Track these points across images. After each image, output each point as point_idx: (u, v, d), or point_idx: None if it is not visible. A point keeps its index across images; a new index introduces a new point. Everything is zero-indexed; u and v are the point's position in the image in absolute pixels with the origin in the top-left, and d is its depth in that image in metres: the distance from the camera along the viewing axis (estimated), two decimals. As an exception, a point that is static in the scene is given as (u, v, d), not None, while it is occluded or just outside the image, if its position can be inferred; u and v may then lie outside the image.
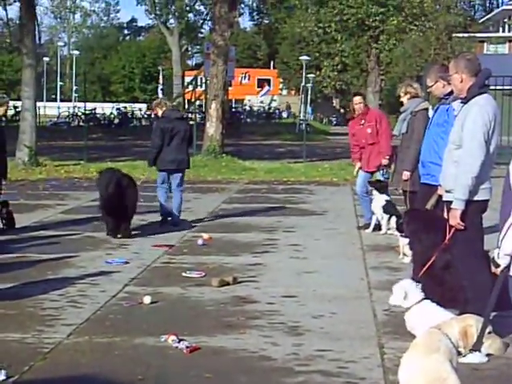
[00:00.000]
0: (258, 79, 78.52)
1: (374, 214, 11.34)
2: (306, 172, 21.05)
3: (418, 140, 8.74)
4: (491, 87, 6.46)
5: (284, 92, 79.12)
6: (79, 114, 47.88)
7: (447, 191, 6.17)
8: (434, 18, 40.93)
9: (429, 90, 8.11)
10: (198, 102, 36.85)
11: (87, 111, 42.49)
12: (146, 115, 50.50)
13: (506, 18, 67.33)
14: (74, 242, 10.49)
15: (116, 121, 49.29)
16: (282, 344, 6.10)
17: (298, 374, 5.45)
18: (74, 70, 78.64)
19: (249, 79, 75.53)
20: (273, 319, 6.80)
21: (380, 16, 36.24)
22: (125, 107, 53.51)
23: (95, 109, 49.74)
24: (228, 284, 8.01)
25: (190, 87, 38.23)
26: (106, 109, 52.27)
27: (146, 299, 7.27)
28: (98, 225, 11.29)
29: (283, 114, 66.90)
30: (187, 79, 53.44)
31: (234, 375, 5.45)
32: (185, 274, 8.49)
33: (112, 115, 50.03)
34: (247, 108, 62.21)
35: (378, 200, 11.09)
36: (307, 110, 50.74)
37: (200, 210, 13.53)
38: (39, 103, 30.91)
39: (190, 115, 31.02)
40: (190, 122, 14.28)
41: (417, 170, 8.54)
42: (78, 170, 20.99)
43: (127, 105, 57.77)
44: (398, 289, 6.00)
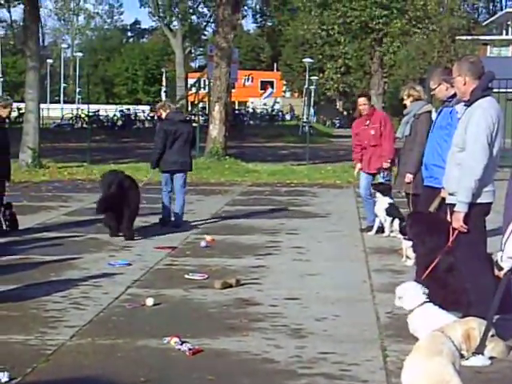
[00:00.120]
0: (262, 81, 78.68)
1: (377, 217, 11.33)
2: (309, 174, 21.04)
3: (422, 143, 8.74)
4: (494, 90, 6.46)
5: (287, 94, 79.15)
6: (82, 115, 47.90)
7: (450, 194, 6.17)
8: (437, 20, 40.98)
9: (432, 93, 8.10)
10: (201, 104, 36.93)
11: (90, 113, 42.62)
12: (149, 117, 50.53)
13: (509, 21, 67.24)
14: (76, 244, 10.50)
15: (119, 123, 49.33)
16: (284, 346, 6.09)
17: (301, 377, 5.45)
18: (77, 72, 78.87)
19: (252, 81, 75.65)
20: (276, 321, 6.80)
21: (383, 19, 36.31)
22: (128, 109, 53.58)
23: (98, 111, 49.80)
24: (231, 286, 8.01)
25: (194, 89, 38.30)
26: (109, 111, 52.32)
27: (149, 301, 7.27)
28: (101, 227, 11.32)
29: (286, 116, 66.90)
30: (190, 81, 53.50)
31: (236, 377, 5.45)
32: (187, 276, 8.49)
33: (115, 117, 50.07)
34: (250, 110, 62.18)
35: (382, 202, 11.08)
36: (310, 113, 50.78)
37: (203, 212, 13.53)
38: (43, 105, 30.90)
39: (193, 117, 31.05)
40: (193, 125, 14.29)
41: (420, 173, 8.53)
42: (81, 171, 21.02)
43: (130, 107, 57.88)
44: (402, 291, 5.99)
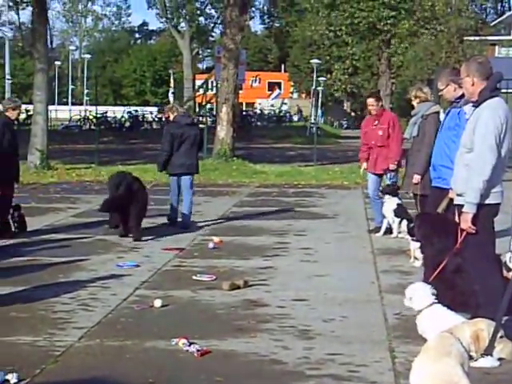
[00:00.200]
0: (269, 82, 78.70)
1: (384, 218, 11.32)
2: (317, 175, 21.02)
3: (429, 143, 8.72)
4: (503, 90, 6.45)
5: (295, 95, 79.15)
6: (90, 117, 48.02)
7: (458, 195, 6.15)
8: (445, 21, 40.94)
9: (440, 94, 8.08)
10: (208, 106, 36.91)
11: (98, 115, 42.63)
12: (157, 118, 50.60)
13: (517, 21, 67.08)
14: (85, 246, 10.52)
15: (127, 124, 49.43)
16: (292, 348, 6.09)
17: (309, 378, 5.44)
18: (85, 74, 79.08)
19: (259, 82, 75.64)
20: (283, 323, 6.79)
21: (391, 19, 36.29)
22: (136, 110, 53.71)
23: (106, 112, 49.94)
24: (239, 287, 8.00)
25: (201, 90, 38.27)
26: (117, 112, 52.47)
27: (157, 302, 7.27)
28: (109, 228, 11.35)
29: (294, 117, 66.88)
30: (198, 82, 53.59)
31: (244, 379, 5.45)
32: (195, 278, 8.49)
33: (123, 118, 50.17)
34: (258, 111, 62.24)
35: (390, 203, 11.07)
36: (318, 114, 50.75)
37: (210, 214, 13.54)
38: (51, 107, 30.94)
39: (200, 119, 31.08)
40: (200, 127, 14.32)
41: (428, 174, 8.52)
42: (89, 173, 21.05)
43: (138, 108, 57.99)
44: (411, 291, 5.98)
